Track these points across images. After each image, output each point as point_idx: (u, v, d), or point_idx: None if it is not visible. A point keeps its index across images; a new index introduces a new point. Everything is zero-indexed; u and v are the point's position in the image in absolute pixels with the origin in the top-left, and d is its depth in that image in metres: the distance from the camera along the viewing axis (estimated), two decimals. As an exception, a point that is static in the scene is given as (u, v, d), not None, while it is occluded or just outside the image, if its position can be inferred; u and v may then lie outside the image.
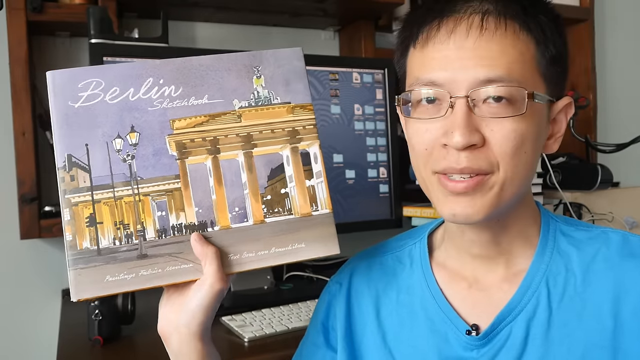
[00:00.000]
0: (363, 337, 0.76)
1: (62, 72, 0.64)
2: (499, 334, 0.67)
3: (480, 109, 0.60)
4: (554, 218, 0.71)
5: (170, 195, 0.66)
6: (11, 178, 1.35)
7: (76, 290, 0.62)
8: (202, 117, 0.67)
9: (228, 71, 0.68)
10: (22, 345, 1.44)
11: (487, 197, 0.62)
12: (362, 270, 0.79)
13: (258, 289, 1.34)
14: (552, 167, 1.49)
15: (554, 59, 0.63)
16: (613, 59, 2.11)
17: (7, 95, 1.31)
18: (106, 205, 0.64)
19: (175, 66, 0.67)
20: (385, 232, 1.12)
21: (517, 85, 0.60)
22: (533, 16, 0.62)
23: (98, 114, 0.64)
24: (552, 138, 0.67)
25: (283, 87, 0.70)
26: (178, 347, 0.66)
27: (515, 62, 0.60)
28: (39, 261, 1.44)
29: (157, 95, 0.66)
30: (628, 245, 0.66)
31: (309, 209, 0.70)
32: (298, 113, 0.70)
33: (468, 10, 0.61)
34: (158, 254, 0.64)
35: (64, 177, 0.63)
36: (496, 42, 0.60)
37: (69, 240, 0.63)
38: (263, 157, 0.69)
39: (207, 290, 0.64)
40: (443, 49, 0.61)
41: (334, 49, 1.79)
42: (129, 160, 0.65)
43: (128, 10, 1.47)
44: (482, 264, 0.70)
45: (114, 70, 0.66)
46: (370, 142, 1.43)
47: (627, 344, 0.63)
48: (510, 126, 0.60)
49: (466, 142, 0.59)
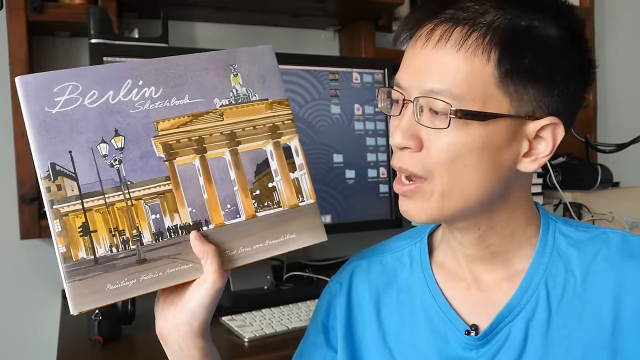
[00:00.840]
0: (363, 337, 0.76)
1: (34, 77, 0.61)
2: (498, 335, 0.67)
3: (425, 116, 0.62)
4: (554, 219, 0.71)
5: (162, 198, 0.65)
6: (11, 178, 1.35)
7: (75, 303, 0.60)
8: (186, 117, 0.67)
9: (206, 70, 0.69)
10: (22, 345, 1.44)
11: (428, 203, 0.64)
12: (363, 270, 0.80)
13: (258, 289, 1.34)
14: (552, 167, 1.49)
15: (519, 76, 0.59)
16: (613, 59, 2.11)
17: (7, 95, 1.31)
18: (98, 212, 0.62)
19: (153, 67, 0.66)
20: (385, 232, 1.12)
21: (451, 100, 0.59)
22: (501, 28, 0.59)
23: (78, 119, 0.62)
24: (530, 157, 0.63)
25: (259, 84, 0.71)
26: (178, 346, 0.66)
27: (461, 76, 0.60)
28: (39, 261, 1.44)
29: (138, 97, 0.65)
30: (628, 245, 0.67)
31: (296, 200, 0.72)
32: (276, 109, 0.72)
33: (437, 19, 0.62)
34: (157, 257, 0.64)
35: (49, 187, 0.60)
36: (448, 54, 0.60)
37: (63, 252, 0.60)
38: (248, 153, 0.70)
39: (208, 289, 0.64)
40: (410, 54, 0.64)
41: (334, 49, 1.79)
42: (117, 165, 0.63)
43: (128, 10, 1.47)
44: (478, 264, 0.71)
45: (90, 72, 0.63)
46: (370, 142, 1.43)
47: (627, 345, 0.63)
48: (445, 138, 0.61)
49: (400, 144, 0.63)
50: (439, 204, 0.63)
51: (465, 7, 0.61)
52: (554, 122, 0.62)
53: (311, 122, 1.36)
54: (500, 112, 0.60)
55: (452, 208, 0.64)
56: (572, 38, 0.63)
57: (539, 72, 0.60)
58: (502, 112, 0.60)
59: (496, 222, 0.67)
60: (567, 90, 0.62)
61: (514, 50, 0.59)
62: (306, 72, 1.35)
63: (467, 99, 0.60)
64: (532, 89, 0.61)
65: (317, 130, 1.36)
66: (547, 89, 0.61)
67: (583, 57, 0.64)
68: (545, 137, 0.63)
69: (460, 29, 0.60)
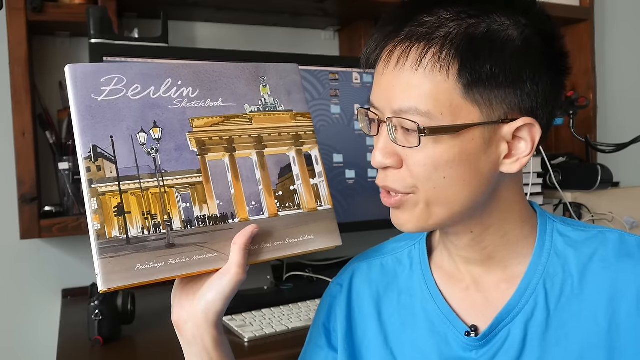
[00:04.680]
0: (364, 339, 0.76)
1: (84, 66, 0.65)
2: (498, 335, 0.67)
3: (399, 134, 0.63)
4: (551, 218, 0.71)
5: (193, 188, 0.69)
6: (11, 178, 1.35)
7: (105, 279, 0.61)
8: (218, 118, 0.72)
9: (238, 78, 0.74)
10: (22, 345, 1.44)
11: (414, 212, 0.65)
12: (363, 272, 0.80)
13: (258, 289, 1.34)
14: (552, 167, 1.49)
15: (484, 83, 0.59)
16: (613, 59, 2.11)
17: (7, 95, 1.31)
18: (133, 195, 0.65)
19: (191, 70, 0.71)
20: (385, 232, 1.12)
21: (419, 117, 0.60)
22: (459, 39, 0.59)
23: (121, 108, 0.66)
24: (512, 157, 0.63)
25: (285, 96, 0.77)
26: (192, 334, 0.67)
27: (426, 93, 0.60)
28: (39, 261, 1.45)
29: (177, 95, 0.70)
30: (625, 245, 0.67)
31: (315, 204, 0.76)
32: (299, 120, 0.78)
33: (396, 39, 0.62)
34: (185, 244, 0.66)
35: (89, 167, 0.64)
36: (408, 74, 0.61)
37: (98, 229, 0.62)
38: (273, 157, 0.75)
39: (229, 280, 0.65)
40: (378, 75, 0.65)
41: (334, 49, 1.79)
42: (154, 154, 0.67)
43: (128, 10, 1.47)
44: (475, 266, 0.71)
45: (135, 68, 0.68)
46: (370, 142, 1.43)
47: (623, 344, 0.63)
48: (421, 153, 0.62)
49: (381, 164, 0.64)
50: (425, 214, 0.64)
51: (422, 22, 0.61)
52: (528, 122, 0.62)
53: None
54: (471, 121, 0.60)
55: (438, 217, 0.65)
56: (536, 35, 0.62)
57: (502, 76, 0.60)
58: (473, 121, 0.60)
59: (489, 224, 0.67)
60: (537, 88, 0.61)
61: (472, 61, 0.59)
62: (306, 72, 1.35)
63: (436, 114, 0.60)
64: (499, 93, 0.60)
65: (317, 130, 1.36)
66: (515, 91, 0.61)
67: (552, 51, 0.63)
68: (523, 137, 0.63)
69: (416, 48, 0.60)
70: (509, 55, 0.60)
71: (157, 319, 1.15)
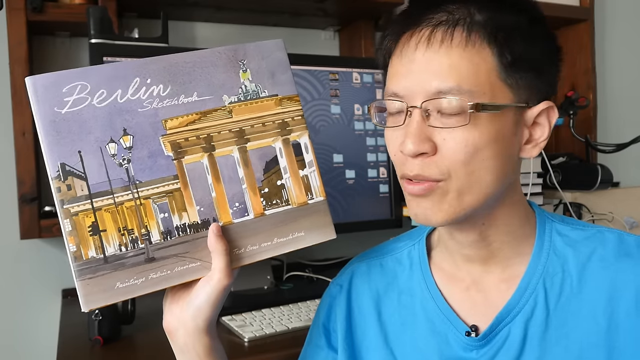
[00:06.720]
0: (364, 339, 0.76)
1: (43, 77, 0.61)
2: (498, 335, 0.67)
3: (434, 118, 0.62)
4: (550, 217, 0.72)
5: (170, 197, 0.66)
6: (11, 178, 1.35)
7: (86, 300, 0.61)
8: (194, 115, 0.67)
9: (214, 66, 0.68)
10: (22, 345, 1.44)
11: (445, 201, 0.63)
12: (363, 272, 0.80)
13: (258, 289, 1.34)
14: (552, 167, 1.49)
15: (517, 66, 0.62)
16: (613, 59, 2.11)
17: (7, 95, 1.31)
18: (107, 212, 0.63)
19: (161, 64, 0.66)
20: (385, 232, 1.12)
21: (461, 97, 0.60)
22: (491, 24, 0.62)
23: (87, 119, 0.62)
24: (531, 143, 0.66)
25: (269, 79, 0.70)
26: (184, 341, 0.67)
27: (467, 73, 0.61)
28: (39, 261, 1.44)
29: (146, 96, 0.65)
30: (624, 244, 0.67)
31: (305, 198, 0.71)
32: (286, 105, 0.71)
33: (422, 23, 0.63)
34: (165, 256, 0.64)
35: (59, 187, 0.61)
36: (443, 54, 0.61)
37: (73, 251, 0.61)
38: (257, 150, 0.70)
39: (214, 286, 0.64)
40: (401, 62, 0.64)
41: (334, 49, 1.79)
42: (126, 165, 0.64)
43: (128, 10, 1.47)
44: (476, 265, 0.71)
45: (98, 72, 0.63)
46: (370, 142, 1.43)
47: (622, 343, 0.63)
48: (461, 135, 0.61)
49: (416, 150, 0.62)
50: (456, 203, 0.63)
51: (453, 9, 0.63)
52: (549, 106, 0.65)
53: (311, 122, 1.36)
54: (507, 102, 0.62)
55: (470, 205, 0.64)
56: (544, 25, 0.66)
57: (531, 60, 0.63)
58: (509, 102, 0.62)
59: (498, 217, 0.68)
60: (549, 74, 0.66)
61: (510, 44, 0.62)
62: (306, 72, 1.35)
63: (479, 93, 0.61)
64: (527, 76, 0.63)
65: (317, 130, 1.36)
66: (536, 75, 0.64)
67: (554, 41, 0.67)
68: (541, 123, 0.66)
69: (459, 30, 0.61)
70: (538, 40, 0.64)
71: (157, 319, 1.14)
